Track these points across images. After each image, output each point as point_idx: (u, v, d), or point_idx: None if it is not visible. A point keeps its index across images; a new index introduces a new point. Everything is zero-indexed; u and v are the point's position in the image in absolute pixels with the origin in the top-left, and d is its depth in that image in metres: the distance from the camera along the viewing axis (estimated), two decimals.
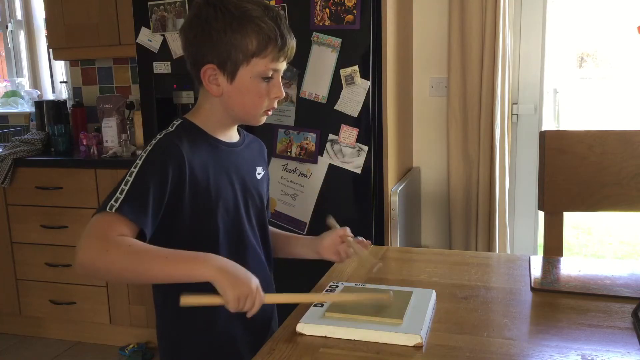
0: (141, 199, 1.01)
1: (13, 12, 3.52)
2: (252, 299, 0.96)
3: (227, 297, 0.94)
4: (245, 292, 0.95)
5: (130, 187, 1.01)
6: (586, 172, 1.55)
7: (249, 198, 1.20)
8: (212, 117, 1.15)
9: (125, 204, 0.99)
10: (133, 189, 1.01)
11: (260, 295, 0.97)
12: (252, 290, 0.96)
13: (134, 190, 1.01)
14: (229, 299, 0.94)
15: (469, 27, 2.44)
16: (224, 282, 0.94)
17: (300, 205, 2.19)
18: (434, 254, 1.50)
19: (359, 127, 2.10)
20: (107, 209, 0.99)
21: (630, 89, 2.76)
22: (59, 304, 2.80)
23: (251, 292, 0.95)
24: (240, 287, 0.94)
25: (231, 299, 0.94)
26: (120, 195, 1.00)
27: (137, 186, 1.01)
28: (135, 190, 1.01)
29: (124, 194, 1.00)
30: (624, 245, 3.83)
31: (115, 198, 1.00)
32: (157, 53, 2.31)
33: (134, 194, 1.01)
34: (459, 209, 2.58)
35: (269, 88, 1.12)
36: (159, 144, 1.07)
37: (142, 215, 1.01)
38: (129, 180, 1.02)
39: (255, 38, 1.07)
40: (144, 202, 1.01)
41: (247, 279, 0.96)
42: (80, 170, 2.66)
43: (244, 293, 0.94)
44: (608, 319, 1.05)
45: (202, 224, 1.11)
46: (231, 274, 0.95)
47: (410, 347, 0.96)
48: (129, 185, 1.01)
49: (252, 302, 0.96)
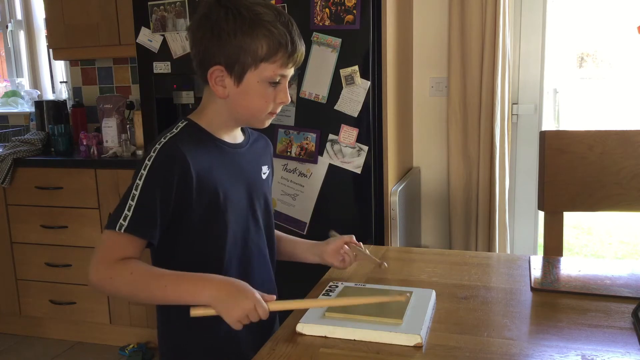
0: (149, 214, 1.03)
1: (13, 12, 3.52)
2: (254, 315, 0.98)
3: (228, 320, 0.98)
4: (245, 312, 0.97)
5: (137, 202, 1.02)
6: (586, 172, 1.55)
7: (255, 199, 1.20)
8: (216, 119, 1.14)
9: (134, 222, 1.01)
10: (140, 205, 1.02)
11: (262, 307, 0.98)
12: (250, 308, 0.97)
13: (141, 206, 1.02)
14: (230, 322, 0.98)
15: (469, 27, 2.44)
16: (221, 308, 0.98)
17: (300, 205, 2.19)
18: (434, 254, 1.50)
19: (359, 127, 2.10)
20: (117, 228, 1.01)
21: (630, 89, 2.76)
22: (59, 304, 2.80)
23: (250, 310, 0.97)
24: (239, 309, 0.97)
25: (232, 322, 0.98)
26: (128, 212, 1.02)
27: (143, 201, 1.02)
28: (142, 206, 1.02)
29: (131, 210, 1.02)
30: (624, 245, 3.83)
31: (124, 216, 1.02)
32: (157, 53, 2.31)
33: (142, 211, 1.02)
34: (459, 209, 2.58)
35: (275, 93, 1.11)
36: (162, 149, 1.06)
37: (151, 229, 1.03)
38: (135, 194, 1.03)
39: (265, 43, 1.06)
40: (151, 217, 1.03)
41: (244, 298, 0.98)
42: (80, 170, 2.66)
43: (243, 313, 0.97)
44: (608, 319, 1.05)
45: (210, 226, 1.11)
46: (226, 300, 0.98)
47: (410, 347, 0.96)
48: (136, 200, 1.02)
49: (255, 317, 0.98)
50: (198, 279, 1.01)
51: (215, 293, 0.98)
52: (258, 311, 0.98)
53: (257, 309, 0.97)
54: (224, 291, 0.99)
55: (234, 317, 0.97)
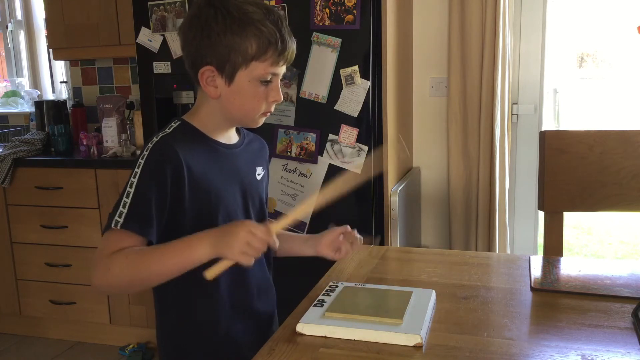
0: (144, 212, 1.02)
1: (13, 12, 3.51)
2: (257, 239, 0.96)
3: (233, 257, 0.96)
4: (244, 240, 0.95)
5: (132, 200, 1.02)
6: (586, 172, 1.55)
7: (249, 200, 1.20)
8: (210, 119, 1.14)
9: (130, 219, 1.01)
10: (135, 202, 1.02)
11: (259, 228, 0.97)
12: (247, 232, 0.96)
13: (136, 204, 1.02)
14: (235, 258, 0.96)
15: (469, 27, 2.44)
16: (222, 251, 0.96)
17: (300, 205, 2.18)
18: (434, 254, 1.50)
19: (359, 127, 2.10)
20: (113, 225, 1.01)
21: (630, 89, 2.76)
22: (59, 304, 2.80)
23: (249, 235, 0.96)
24: (237, 239, 0.95)
25: (235, 258, 0.96)
26: (123, 209, 1.02)
27: (138, 198, 1.02)
28: (137, 203, 1.02)
29: (127, 207, 1.02)
30: (624, 245, 3.83)
31: (119, 213, 1.02)
32: (157, 53, 2.31)
33: (137, 208, 1.02)
34: (459, 209, 2.58)
35: (267, 91, 1.11)
36: (155, 148, 1.06)
37: (147, 226, 1.03)
38: (130, 192, 1.03)
39: (255, 41, 1.05)
40: (147, 214, 1.03)
41: (235, 230, 0.96)
42: (80, 170, 2.66)
43: (243, 241, 0.95)
44: (608, 319, 1.05)
45: (202, 227, 1.10)
46: (221, 239, 0.97)
47: (410, 347, 0.96)
48: (131, 197, 1.02)
49: (259, 242, 0.96)
50: (191, 238, 1.00)
51: (211, 239, 0.98)
52: (257, 233, 0.96)
53: (254, 231, 0.96)
54: (217, 233, 0.99)
55: (237, 250, 0.95)
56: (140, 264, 0.99)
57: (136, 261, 0.99)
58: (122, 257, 0.99)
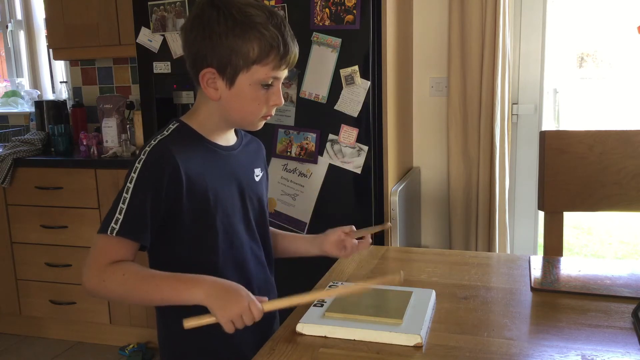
0: (140, 218, 1.02)
1: (13, 12, 3.52)
2: (248, 316, 0.97)
3: (219, 320, 0.96)
4: (237, 312, 0.96)
5: (128, 205, 1.02)
6: (586, 172, 1.55)
7: (247, 202, 1.19)
8: (209, 121, 1.13)
9: (125, 225, 1.01)
10: (131, 208, 1.02)
11: (255, 307, 0.97)
12: (243, 308, 0.96)
13: (132, 209, 1.02)
14: (221, 322, 0.96)
15: (469, 27, 2.44)
16: (213, 307, 0.97)
17: (300, 205, 2.19)
18: (434, 254, 1.50)
19: (359, 127, 2.10)
20: (109, 232, 1.01)
21: (630, 89, 2.76)
22: (59, 304, 2.80)
23: (244, 310, 0.96)
24: (230, 309, 0.96)
25: (223, 322, 0.96)
26: (119, 215, 1.02)
27: (134, 204, 1.02)
28: (133, 209, 1.02)
29: (122, 214, 1.02)
30: (624, 245, 3.83)
31: (115, 219, 1.02)
32: (157, 53, 2.31)
33: (132, 214, 1.02)
34: (459, 209, 2.58)
35: (268, 95, 1.10)
36: (152, 152, 1.05)
37: (142, 232, 1.03)
38: (126, 197, 1.03)
39: (257, 45, 1.04)
40: (142, 220, 1.03)
41: (237, 298, 0.97)
42: (80, 170, 2.66)
43: (235, 314, 0.96)
44: (608, 319, 1.05)
45: (201, 229, 1.11)
46: (220, 297, 0.97)
47: (410, 347, 0.96)
48: (127, 203, 1.02)
49: (248, 318, 0.97)
50: (192, 278, 1.00)
51: (210, 291, 0.98)
52: (252, 311, 0.96)
53: (251, 308, 0.96)
54: (218, 289, 0.98)
55: (228, 316, 0.96)
56: (135, 288, 1.00)
57: (132, 284, 1.00)
58: (119, 274, 1.00)
